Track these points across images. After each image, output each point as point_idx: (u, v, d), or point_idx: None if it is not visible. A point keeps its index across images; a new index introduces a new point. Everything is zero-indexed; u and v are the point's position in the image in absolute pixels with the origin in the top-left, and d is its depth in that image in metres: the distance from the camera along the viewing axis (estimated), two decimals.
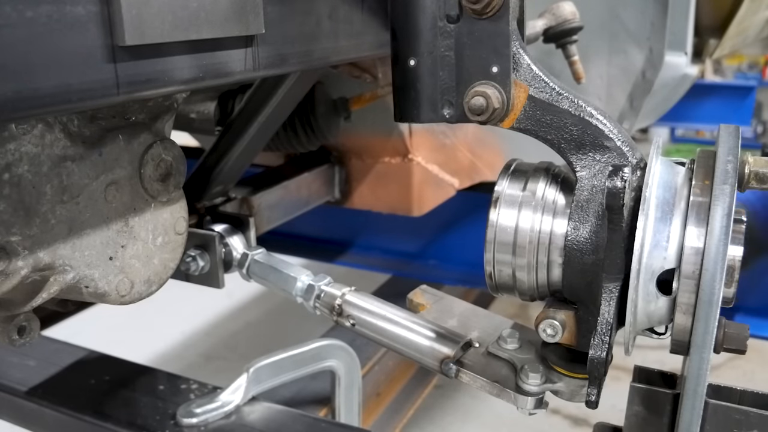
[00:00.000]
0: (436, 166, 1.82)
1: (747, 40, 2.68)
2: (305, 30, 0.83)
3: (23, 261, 0.73)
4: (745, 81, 6.09)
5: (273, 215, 1.54)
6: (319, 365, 1.38)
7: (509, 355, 0.94)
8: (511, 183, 0.86)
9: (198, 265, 1.21)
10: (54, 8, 0.53)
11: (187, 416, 1.26)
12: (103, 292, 0.84)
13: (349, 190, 1.86)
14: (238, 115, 1.28)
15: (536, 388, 0.89)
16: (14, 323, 0.80)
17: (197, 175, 1.31)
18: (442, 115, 0.82)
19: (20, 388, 1.38)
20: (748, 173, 0.73)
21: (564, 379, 0.89)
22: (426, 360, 0.99)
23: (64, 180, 0.76)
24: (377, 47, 0.97)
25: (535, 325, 0.85)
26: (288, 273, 1.15)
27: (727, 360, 2.86)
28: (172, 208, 0.94)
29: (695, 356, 0.68)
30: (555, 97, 0.81)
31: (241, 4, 0.70)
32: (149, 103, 0.87)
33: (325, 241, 2.40)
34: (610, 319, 0.77)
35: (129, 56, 0.60)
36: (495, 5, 0.76)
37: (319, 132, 1.55)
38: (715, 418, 0.73)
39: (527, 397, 0.89)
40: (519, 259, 0.84)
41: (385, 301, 1.07)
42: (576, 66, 1.57)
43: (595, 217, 0.79)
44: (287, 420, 1.27)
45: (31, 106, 0.53)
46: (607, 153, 0.80)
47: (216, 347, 3.19)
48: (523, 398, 0.89)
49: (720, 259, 0.66)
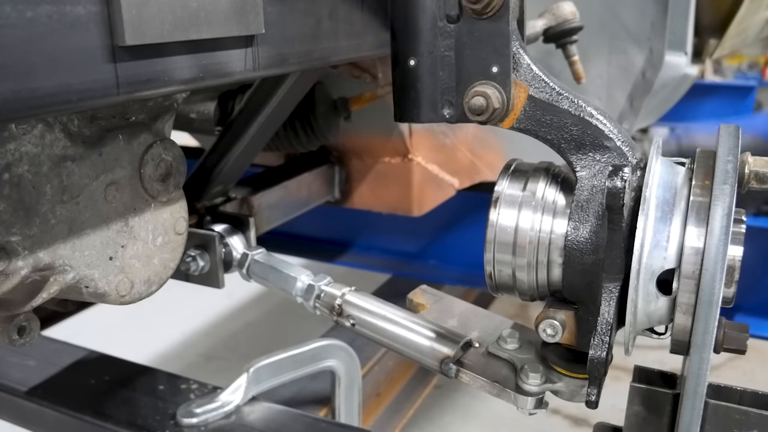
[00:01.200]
0: (436, 166, 1.82)
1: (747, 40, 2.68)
2: (305, 30, 0.83)
3: (23, 261, 0.73)
4: (745, 81, 6.09)
5: (273, 215, 1.54)
6: (319, 365, 1.38)
7: (509, 355, 0.94)
8: (511, 183, 0.86)
9: (198, 265, 1.21)
10: (54, 8, 0.53)
11: (187, 416, 1.26)
12: (103, 292, 0.84)
13: (349, 190, 1.86)
14: (238, 115, 1.28)
15: (536, 388, 0.89)
16: (14, 323, 0.80)
17: (197, 175, 1.31)
18: (442, 115, 0.82)
19: (20, 388, 1.38)
20: (748, 173, 0.73)
21: (564, 379, 0.89)
22: (426, 360, 0.99)
23: (64, 180, 0.76)
24: (377, 47, 0.97)
25: (535, 325, 0.85)
26: (288, 273, 1.15)
27: (727, 360, 2.86)
28: (172, 208, 0.94)
29: (695, 356, 0.68)
30: (555, 97, 0.81)
31: (241, 4, 0.70)
32: (149, 103, 0.87)
33: (325, 241, 2.40)
34: (610, 319, 0.77)
35: (129, 56, 0.60)
36: (495, 5, 0.76)
37: (319, 132, 1.55)
38: (715, 418, 0.73)
39: (527, 397, 0.89)
40: (519, 259, 0.84)
41: (385, 301, 1.07)
42: (576, 66, 1.57)
43: (595, 217, 0.79)
44: (287, 420, 1.27)
45: (31, 106, 0.53)
46: (607, 153, 0.80)
47: (216, 347, 3.19)
48: (523, 398, 0.89)
49: (720, 259, 0.66)
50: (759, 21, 2.52)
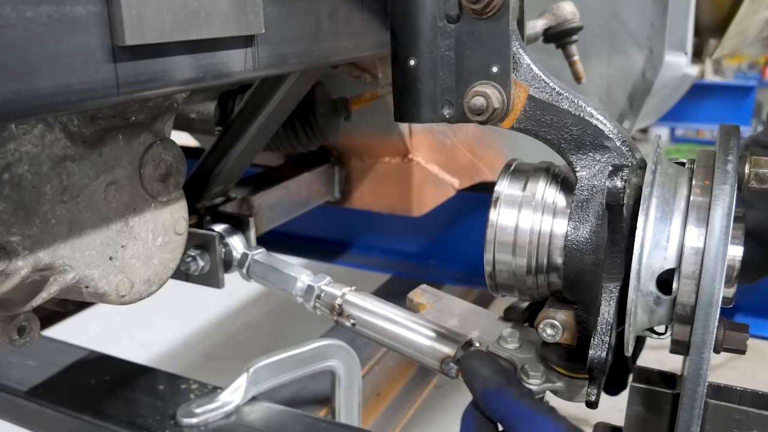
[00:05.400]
0: (436, 166, 1.82)
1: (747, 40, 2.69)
2: (305, 30, 0.83)
3: (23, 261, 0.73)
4: (745, 81, 6.09)
5: (273, 215, 1.54)
6: (319, 365, 1.38)
7: (509, 355, 0.94)
8: (511, 183, 0.86)
9: (198, 265, 1.21)
10: (54, 8, 0.53)
11: (187, 416, 1.26)
12: (103, 292, 0.84)
13: (349, 190, 1.86)
14: (238, 115, 1.28)
15: (536, 388, 0.89)
16: (14, 323, 0.80)
17: (197, 175, 1.31)
18: (442, 115, 0.82)
19: (20, 388, 1.38)
20: (748, 173, 0.73)
21: (564, 379, 0.89)
22: (426, 360, 0.99)
23: (64, 180, 0.76)
24: (377, 47, 0.97)
25: (535, 325, 0.85)
26: (288, 273, 1.15)
27: (727, 360, 2.86)
28: (172, 208, 0.94)
29: (695, 356, 0.68)
30: (555, 97, 0.80)
31: (241, 4, 0.70)
32: (149, 103, 0.87)
33: (325, 241, 2.40)
34: (610, 319, 0.77)
35: (129, 56, 0.60)
36: (495, 5, 0.76)
37: (319, 132, 1.55)
38: (715, 418, 0.73)
39: None
40: (519, 259, 0.84)
41: (385, 301, 1.07)
42: (576, 66, 1.57)
43: (595, 217, 0.79)
44: (287, 420, 1.27)
45: (31, 106, 0.53)
46: (607, 153, 0.80)
47: (216, 347, 3.19)
48: None
49: (720, 259, 0.66)
50: (759, 21, 2.52)
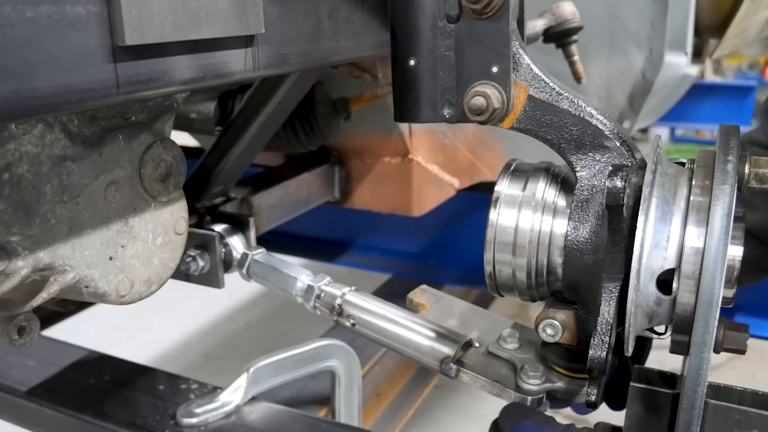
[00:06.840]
0: (436, 166, 1.82)
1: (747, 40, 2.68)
2: (305, 30, 0.83)
3: (23, 261, 0.73)
4: (745, 81, 6.08)
5: (273, 215, 1.54)
6: (319, 365, 1.38)
7: (509, 355, 0.94)
8: (511, 183, 0.86)
9: (198, 265, 1.21)
10: (54, 8, 0.53)
11: (187, 416, 1.26)
12: (103, 292, 0.84)
13: (349, 190, 1.86)
14: (238, 115, 1.28)
15: (536, 388, 0.89)
16: (14, 323, 0.80)
17: (197, 175, 1.31)
18: (442, 115, 0.82)
19: (20, 388, 1.38)
20: (748, 173, 0.73)
21: (564, 379, 0.89)
22: (426, 360, 0.99)
23: (64, 180, 0.76)
24: (377, 47, 0.97)
25: (535, 325, 0.85)
26: (288, 273, 1.15)
27: (727, 360, 2.86)
28: (172, 208, 0.94)
29: (695, 356, 0.68)
30: (555, 97, 0.80)
31: (241, 4, 0.70)
32: (149, 103, 0.87)
33: (325, 241, 2.40)
34: (610, 319, 0.77)
35: (129, 56, 0.60)
36: (495, 5, 0.76)
37: (319, 132, 1.55)
38: (715, 418, 0.73)
39: (527, 397, 0.89)
40: (519, 259, 0.84)
41: (385, 301, 1.07)
42: (576, 66, 1.57)
43: (595, 217, 0.79)
44: (287, 420, 1.27)
45: (31, 106, 0.53)
46: (607, 153, 0.80)
47: (216, 347, 3.19)
48: (523, 398, 0.89)
49: (720, 259, 0.66)
50: (759, 21, 2.52)
